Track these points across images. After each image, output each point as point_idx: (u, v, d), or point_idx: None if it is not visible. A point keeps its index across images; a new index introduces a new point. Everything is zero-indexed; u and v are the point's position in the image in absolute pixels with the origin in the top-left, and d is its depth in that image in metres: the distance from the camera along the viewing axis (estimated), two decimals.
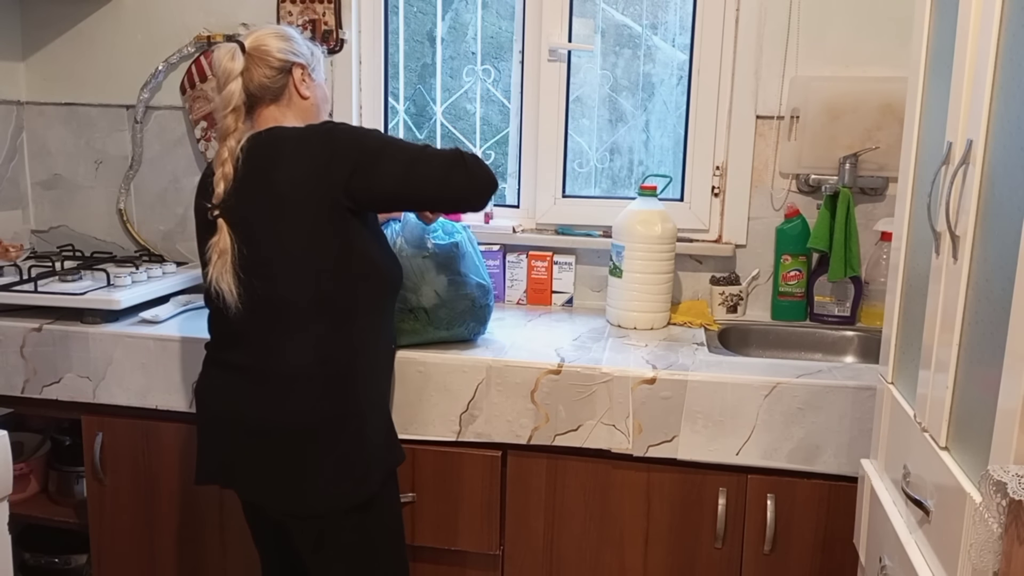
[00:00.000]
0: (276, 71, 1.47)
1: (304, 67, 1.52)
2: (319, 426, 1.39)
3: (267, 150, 1.41)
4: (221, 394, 1.44)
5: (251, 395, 1.40)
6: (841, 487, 1.55)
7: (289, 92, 1.50)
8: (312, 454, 1.39)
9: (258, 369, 1.40)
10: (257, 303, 1.39)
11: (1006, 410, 0.84)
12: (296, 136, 1.42)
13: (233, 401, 1.41)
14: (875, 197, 1.98)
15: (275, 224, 1.38)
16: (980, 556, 0.85)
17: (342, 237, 1.39)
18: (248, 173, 1.39)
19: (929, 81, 1.20)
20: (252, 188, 1.39)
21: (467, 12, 2.25)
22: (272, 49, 1.47)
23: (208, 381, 1.47)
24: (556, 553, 1.69)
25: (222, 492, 1.79)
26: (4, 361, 1.81)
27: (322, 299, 1.38)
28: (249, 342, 1.41)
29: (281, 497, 1.41)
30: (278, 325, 1.39)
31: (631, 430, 1.59)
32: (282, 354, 1.39)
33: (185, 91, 2.21)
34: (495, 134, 2.25)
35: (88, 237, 2.35)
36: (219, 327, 1.46)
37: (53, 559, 2.08)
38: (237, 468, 1.43)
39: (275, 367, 1.39)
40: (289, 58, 1.49)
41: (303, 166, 1.38)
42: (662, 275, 1.91)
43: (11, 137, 2.30)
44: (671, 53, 2.14)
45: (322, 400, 1.39)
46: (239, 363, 1.42)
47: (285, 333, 1.39)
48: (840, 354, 1.95)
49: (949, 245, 1.04)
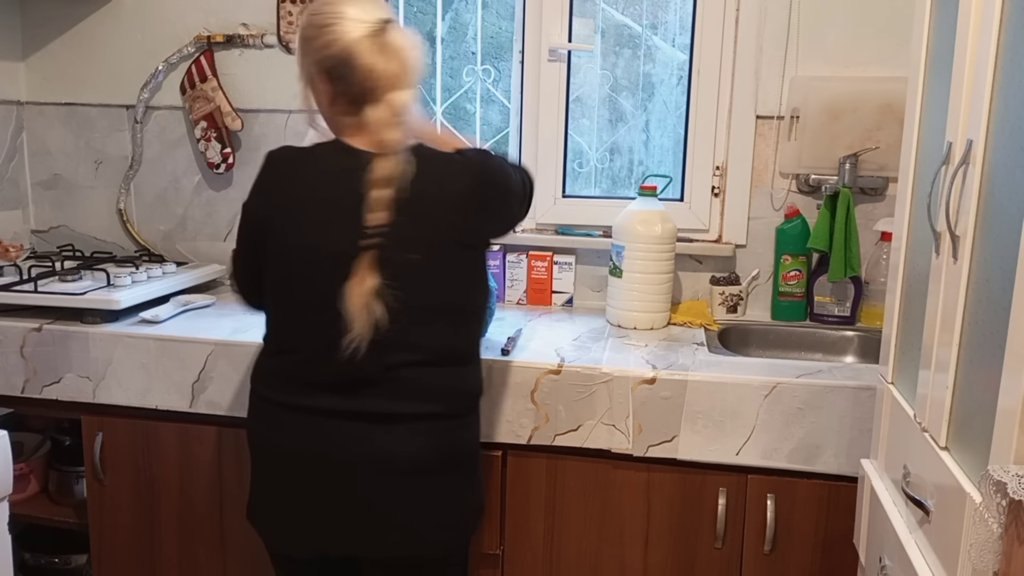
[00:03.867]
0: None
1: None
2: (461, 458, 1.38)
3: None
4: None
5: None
6: (841, 487, 1.55)
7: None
8: (453, 485, 1.36)
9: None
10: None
11: (1006, 410, 0.84)
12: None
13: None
14: (875, 197, 1.98)
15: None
16: (980, 556, 0.85)
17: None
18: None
19: (929, 81, 1.20)
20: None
21: (467, 12, 2.25)
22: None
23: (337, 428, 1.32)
24: (556, 553, 1.69)
25: (222, 492, 1.79)
26: (4, 361, 1.81)
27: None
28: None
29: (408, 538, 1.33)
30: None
31: (631, 430, 1.59)
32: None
33: (185, 91, 2.21)
34: (495, 134, 2.25)
35: (88, 237, 2.35)
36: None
37: (53, 559, 2.08)
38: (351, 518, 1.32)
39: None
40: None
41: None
42: (662, 275, 1.91)
43: (11, 137, 2.30)
44: (671, 53, 2.14)
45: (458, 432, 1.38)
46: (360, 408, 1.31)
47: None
48: (840, 354, 1.95)
49: (949, 245, 1.03)
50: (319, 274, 1.26)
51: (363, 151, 1.28)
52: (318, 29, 1.28)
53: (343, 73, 1.27)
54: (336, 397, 1.29)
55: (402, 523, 1.32)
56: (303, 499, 1.32)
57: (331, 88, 1.30)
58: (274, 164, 1.32)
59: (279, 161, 1.32)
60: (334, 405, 1.29)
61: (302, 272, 1.28)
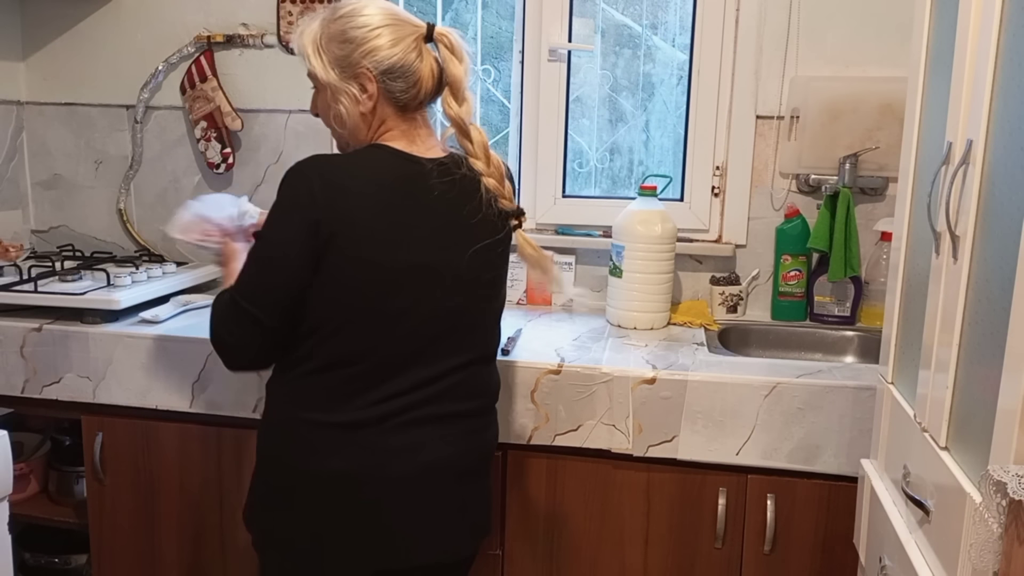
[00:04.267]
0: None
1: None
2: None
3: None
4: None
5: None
6: (841, 487, 1.55)
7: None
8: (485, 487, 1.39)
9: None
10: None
11: (1006, 410, 0.84)
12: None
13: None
14: (875, 197, 1.98)
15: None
16: (980, 556, 0.85)
17: None
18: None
19: (929, 81, 1.20)
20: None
21: (467, 12, 2.25)
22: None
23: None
24: (556, 553, 1.69)
25: (222, 492, 1.79)
26: (4, 361, 1.81)
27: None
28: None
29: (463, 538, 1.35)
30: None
31: (631, 430, 1.59)
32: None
33: (185, 91, 2.21)
34: (495, 134, 2.25)
35: (88, 237, 2.35)
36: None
37: (53, 559, 2.08)
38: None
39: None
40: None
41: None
42: (662, 275, 1.91)
43: (11, 137, 2.30)
44: (671, 53, 2.14)
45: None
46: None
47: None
48: (840, 354, 1.95)
49: (949, 245, 1.03)
50: (410, 284, 1.24)
51: (423, 158, 1.28)
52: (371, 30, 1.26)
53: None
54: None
55: (446, 527, 1.32)
56: (362, 516, 1.27)
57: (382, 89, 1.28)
58: (324, 175, 1.21)
59: (333, 172, 1.23)
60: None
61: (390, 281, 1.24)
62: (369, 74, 1.26)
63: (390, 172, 1.25)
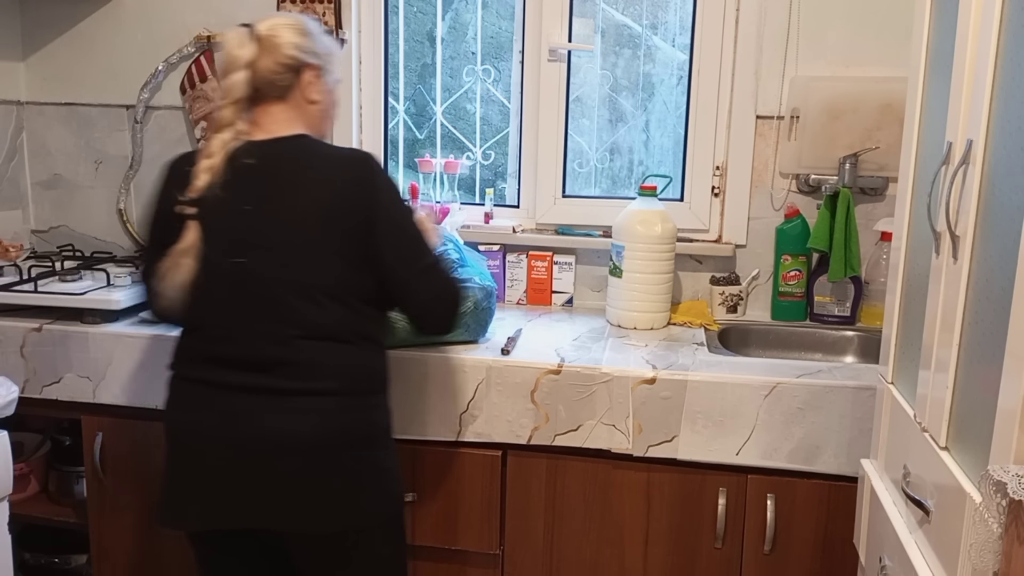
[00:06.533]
0: (285, 68, 1.36)
1: (317, 68, 1.40)
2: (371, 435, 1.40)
3: (292, 163, 1.34)
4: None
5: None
6: (841, 487, 1.55)
7: (297, 92, 1.39)
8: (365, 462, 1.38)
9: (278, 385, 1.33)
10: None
11: (1006, 410, 0.84)
12: (330, 160, 1.36)
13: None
14: (875, 197, 1.98)
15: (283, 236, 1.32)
16: (980, 556, 0.85)
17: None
18: (257, 176, 1.32)
19: (929, 81, 1.20)
20: (259, 192, 1.32)
21: (467, 12, 2.25)
22: (284, 44, 1.36)
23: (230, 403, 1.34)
24: (556, 553, 1.69)
25: None
26: (4, 361, 1.81)
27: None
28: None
29: (326, 513, 1.33)
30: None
31: (631, 430, 1.59)
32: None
33: (185, 91, 2.21)
34: (495, 134, 2.25)
35: (88, 237, 2.35)
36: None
37: (53, 559, 2.08)
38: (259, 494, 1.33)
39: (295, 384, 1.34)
40: (301, 57, 1.37)
41: (327, 192, 1.32)
42: (662, 275, 1.91)
43: (11, 137, 2.30)
44: (671, 53, 2.14)
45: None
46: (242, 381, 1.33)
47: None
48: (840, 354, 1.95)
49: (949, 245, 1.04)
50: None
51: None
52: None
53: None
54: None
55: (302, 497, 1.32)
56: (207, 475, 1.33)
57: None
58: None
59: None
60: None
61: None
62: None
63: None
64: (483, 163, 2.26)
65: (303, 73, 1.39)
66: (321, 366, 1.31)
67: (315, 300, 1.31)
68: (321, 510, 1.32)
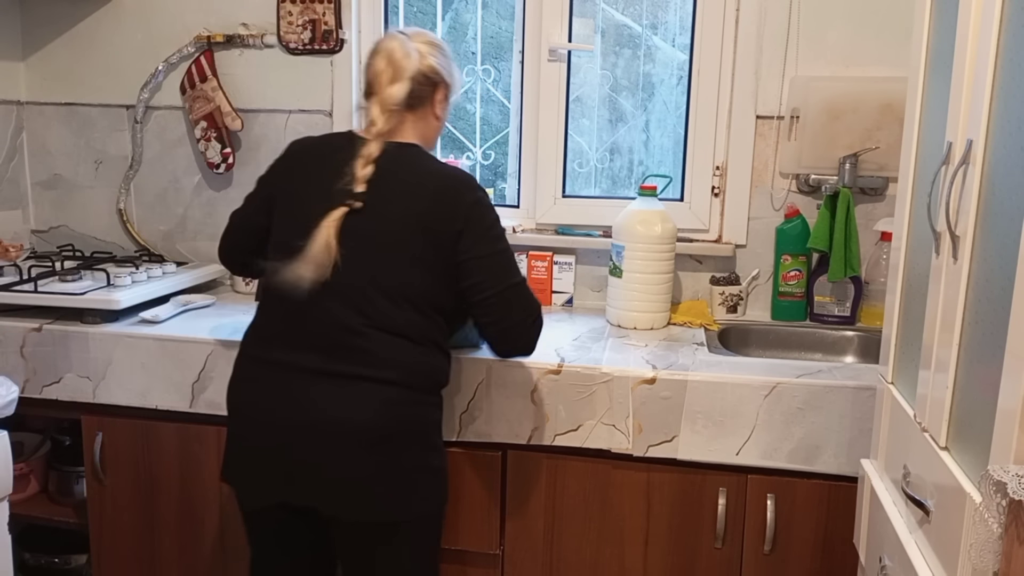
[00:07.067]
0: (428, 81, 1.47)
1: (448, 87, 1.51)
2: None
3: (405, 170, 1.42)
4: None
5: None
6: (841, 487, 1.55)
7: (428, 106, 1.49)
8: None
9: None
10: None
11: (1006, 410, 0.84)
12: (435, 174, 1.44)
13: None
14: (875, 197, 1.98)
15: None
16: (980, 556, 0.85)
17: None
18: (376, 176, 1.40)
19: (929, 81, 1.20)
20: (371, 190, 1.39)
21: (467, 12, 2.25)
22: (432, 59, 1.47)
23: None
24: (556, 553, 1.69)
25: (222, 491, 1.79)
26: (4, 361, 1.81)
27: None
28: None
29: (376, 502, 1.38)
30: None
31: (631, 430, 1.59)
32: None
33: (185, 91, 2.21)
34: (495, 134, 2.25)
35: (88, 237, 2.35)
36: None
37: (53, 559, 2.08)
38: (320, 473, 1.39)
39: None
40: (442, 74, 1.49)
41: (426, 203, 1.40)
42: (662, 275, 1.91)
43: (11, 137, 2.30)
44: (671, 53, 2.14)
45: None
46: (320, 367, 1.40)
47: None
48: (840, 354, 1.95)
49: (949, 245, 1.04)
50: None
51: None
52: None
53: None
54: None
55: (357, 483, 1.37)
56: (267, 453, 1.40)
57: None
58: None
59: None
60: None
61: None
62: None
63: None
64: (483, 163, 2.26)
65: (439, 90, 1.50)
66: (388, 358, 1.37)
67: (393, 299, 1.38)
68: (373, 499, 1.37)
